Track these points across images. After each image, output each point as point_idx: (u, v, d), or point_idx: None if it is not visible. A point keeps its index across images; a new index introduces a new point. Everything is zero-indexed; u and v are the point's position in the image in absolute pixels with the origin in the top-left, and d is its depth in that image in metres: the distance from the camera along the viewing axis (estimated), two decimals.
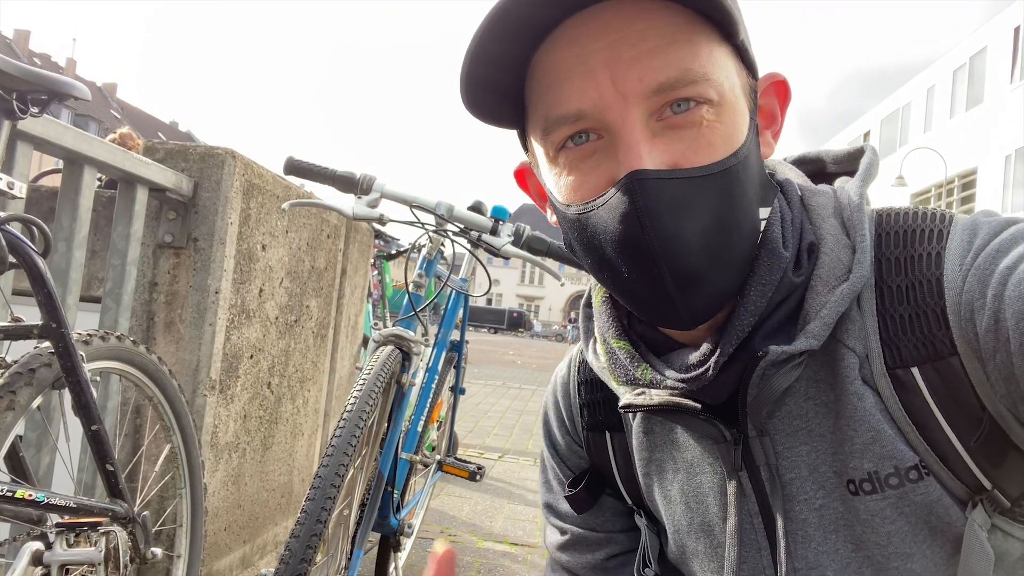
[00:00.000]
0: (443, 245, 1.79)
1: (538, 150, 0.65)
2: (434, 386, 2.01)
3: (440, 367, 2.07)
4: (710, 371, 0.62)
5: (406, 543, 2.27)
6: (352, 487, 1.57)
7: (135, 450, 1.73)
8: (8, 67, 1.01)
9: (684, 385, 0.64)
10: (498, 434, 5.47)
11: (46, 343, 1.15)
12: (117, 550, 1.26)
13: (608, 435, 0.82)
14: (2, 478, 1.16)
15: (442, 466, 2.33)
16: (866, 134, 26.23)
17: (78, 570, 1.23)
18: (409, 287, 1.71)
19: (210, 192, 1.79)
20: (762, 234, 0.63)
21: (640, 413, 0.75)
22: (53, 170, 3.43)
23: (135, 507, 1.34)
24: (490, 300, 57.46)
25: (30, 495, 1.07)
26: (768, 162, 0.74)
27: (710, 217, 0.57)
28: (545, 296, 71.11)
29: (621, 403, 0.70)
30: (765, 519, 0.68)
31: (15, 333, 1.13)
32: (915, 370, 0.60)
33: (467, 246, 1.83)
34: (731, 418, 0.66)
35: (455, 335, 2.30)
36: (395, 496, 1.75)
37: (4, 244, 1.05)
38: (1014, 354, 0.53)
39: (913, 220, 0.65)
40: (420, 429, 1.91)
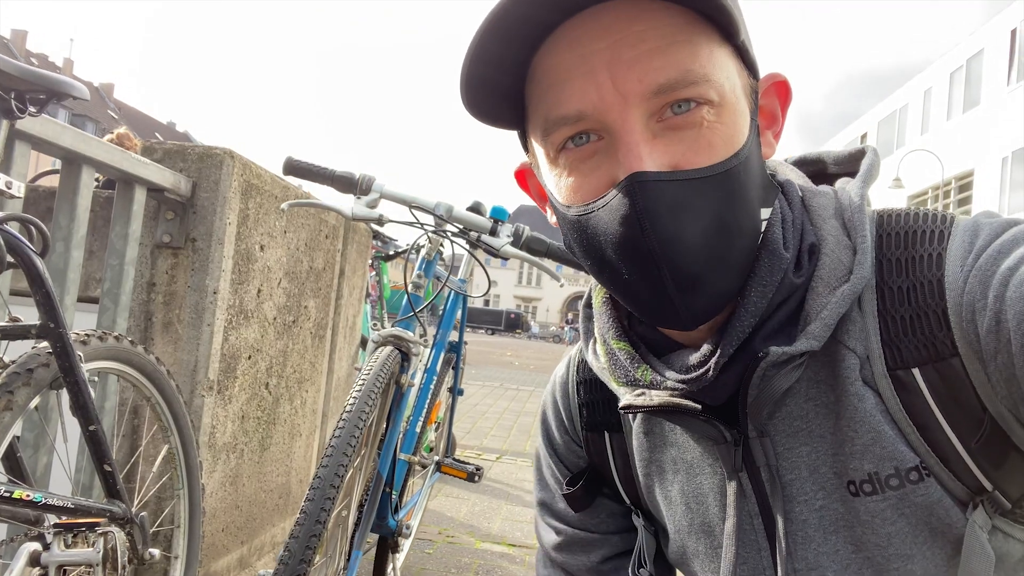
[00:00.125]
0: (442, 246, 1.79)
1: (538, 151, 0.65)
2: (432, 387, 2.01)
3: (439, 368, 2.07)
4: (710, 372, 0.62)
5: (404, 544, 2.27)
6: (351, 488, 1.57)
7: (133, 451, 1.72)
8: (7, 66, 1.01)
9: (684, 386, 0.64)
10: (496, 435, 5.47)
11: (44, 343, 1.15)
12: (115, 551, 1.26)
13: (607, 435, 0.82)
14: (0, 478, 1.16)
15: (440, 467, 2.33)
16: (863, 136, 26.26)
17: (76, 571, 1.23)
18: (408, 288, 1.71)
19: (208, 192, 1.79)
20: (763, 235, 0.63)
21: (640, 414, 0.75)
22: (51, 170, 3.43)
23: (133, 508, 1.34)
24: (487, 301, 57.47)
25: (28, 496, 1.07)
26: (769, 163, 0.74)
27: (710, 218, 0.57)
28: (543, 297, 71.12)
29: (621, 404, 0.70)
30: (765, 520, 0.68)
31: (13, 333, 1.12)
32: (916, 371, 0.60)
33: (466, 247, 1.83)
34: (731, 419, 0.66)
35: (453, 336, 2.30)
36: (393, 497, 1.75)
37: (2, 244, 1.04)
38: (1015, 355, 0.53)
39: (914, 221, 0.65)
40: (418, 430, 1.91)
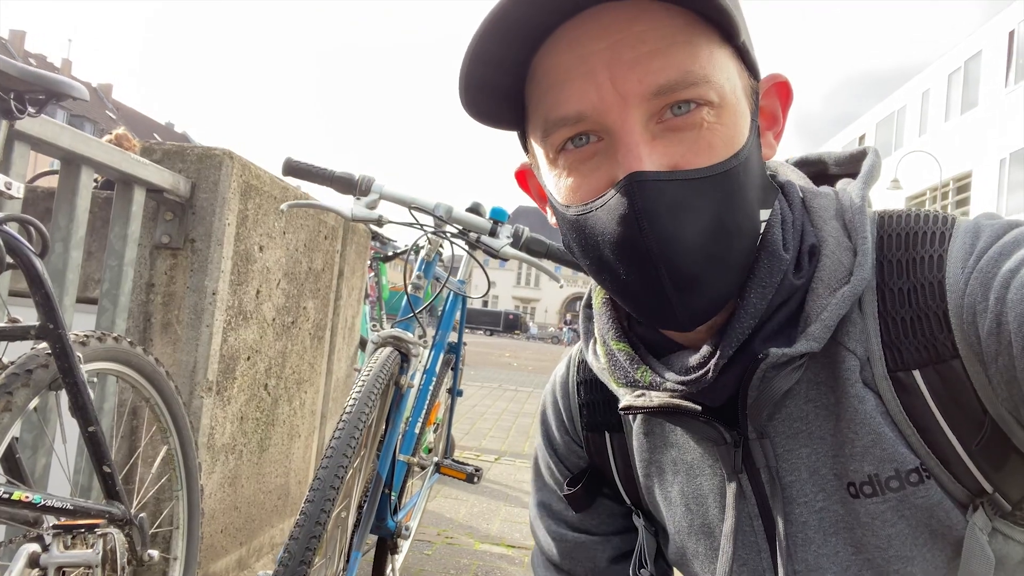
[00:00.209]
0: (441, 247, 1.79)
1: (538, 151, 0.65)
2: (432, 388, 2.01)
3: (438, 369, 2.07)
4: (710, 373, 0.62)
5: (403, 545, 2.27)
6: (350, 489, 1.56)
7: (132, 452, 1.72)
8: (6, 67, 1.01)
9: (684, 387, 0.64)
10: (495, 436, 5.47)
11: (43, 344, 1.15)
12: (114, 552, 1.26)
13: (607, 435, 0.82)
14: None
15: (439, 468, 2.33)
16: (861, 137, 26.28)
17: (75, 572, 1.23)
18: (408, 289, 1.70)
19: (207, 193, 1.79)
20: (762, 236, 0.62)
21: (640, 415, 0.75)
22: (50, 171, 3.42)
23: (132, 509, 1.34)
24: (486, 302, 57.47)
25: (27, 497, 1.07)
26: (770, 163, 0.73)
27: (709, 219, 0.57)
28: (541, 298, 71.13)
29: (621, 405, 0.70)
30: (765, 521, 0.67)
31: (12, 334, 1.12)
32: (916, 373, 0.60)
33: (465, 248, 1.83)
34: (731, 420, 0.66)
35: (453, 337, 2.30)
36: (392, 498, 1.74)
37: (1, 245, 1.04)
38: (1016, 357, 0.53)
39: (915, 222, 0.65)
40: (418, 431, 1.91)
